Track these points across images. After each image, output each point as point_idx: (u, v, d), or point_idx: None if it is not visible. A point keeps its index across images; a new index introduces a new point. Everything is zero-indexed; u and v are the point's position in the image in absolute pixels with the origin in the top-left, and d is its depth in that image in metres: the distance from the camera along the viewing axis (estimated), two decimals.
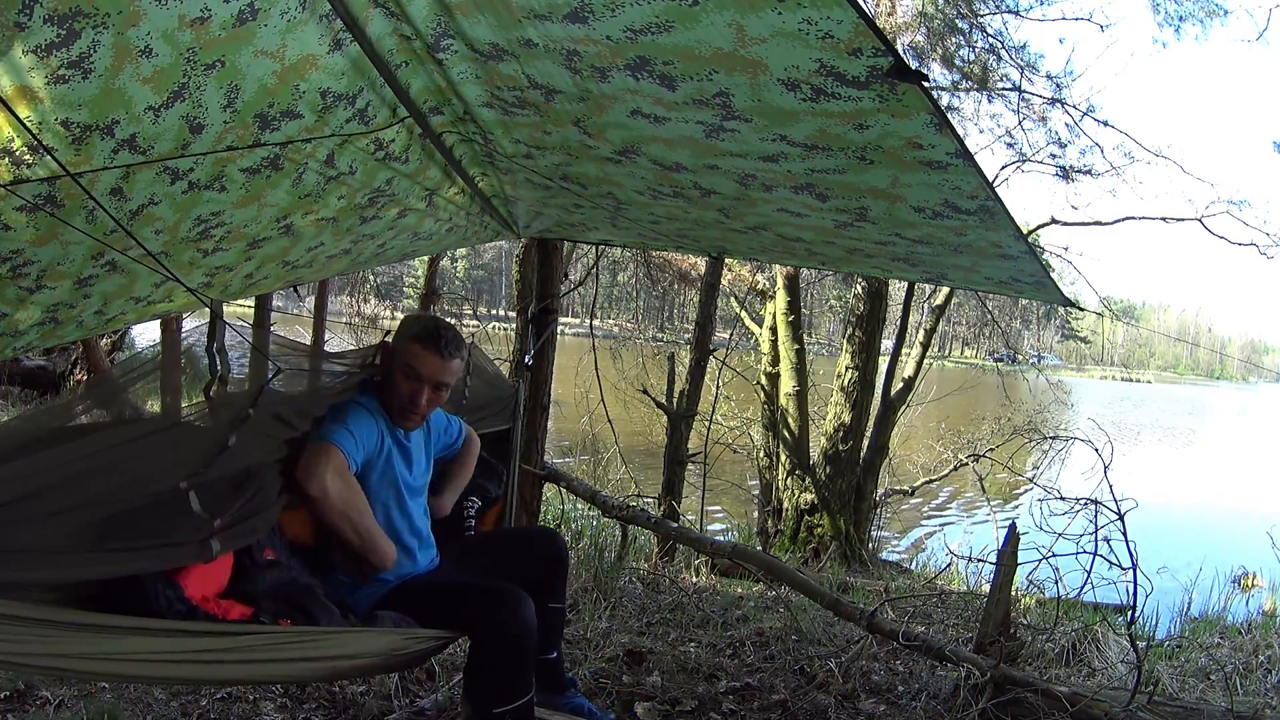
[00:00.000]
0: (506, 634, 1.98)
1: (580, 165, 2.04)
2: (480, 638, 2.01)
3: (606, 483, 8.02)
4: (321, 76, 1.36)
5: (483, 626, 2.00)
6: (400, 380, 2.10)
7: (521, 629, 1.98)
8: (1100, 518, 3.01)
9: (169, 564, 1.61)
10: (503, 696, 1.98)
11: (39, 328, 1.75)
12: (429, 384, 2.12)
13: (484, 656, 2.01)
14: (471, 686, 2.06)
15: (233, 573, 1.88)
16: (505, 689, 1.99)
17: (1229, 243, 8.27)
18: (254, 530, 1.78)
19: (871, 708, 2.94)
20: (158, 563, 1.58)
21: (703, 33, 1.18)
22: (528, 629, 2.00)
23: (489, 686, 2.00)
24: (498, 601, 2.01)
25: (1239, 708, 2.83)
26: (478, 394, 2.93)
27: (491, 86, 1.59)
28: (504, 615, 1.98)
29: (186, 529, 1.60)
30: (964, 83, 7.84)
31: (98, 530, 1.45)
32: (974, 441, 9.51)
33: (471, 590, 2.10)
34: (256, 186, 1.59)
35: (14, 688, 2.49)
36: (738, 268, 8.61)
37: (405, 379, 2.10)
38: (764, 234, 2.46)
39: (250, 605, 1.84)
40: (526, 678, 2.02)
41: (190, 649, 1.52)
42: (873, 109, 1.31)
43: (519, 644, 1.99)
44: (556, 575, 2.46)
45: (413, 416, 2.14)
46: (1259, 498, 12.45)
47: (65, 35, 1.01)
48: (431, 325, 2.17)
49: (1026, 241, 2.08)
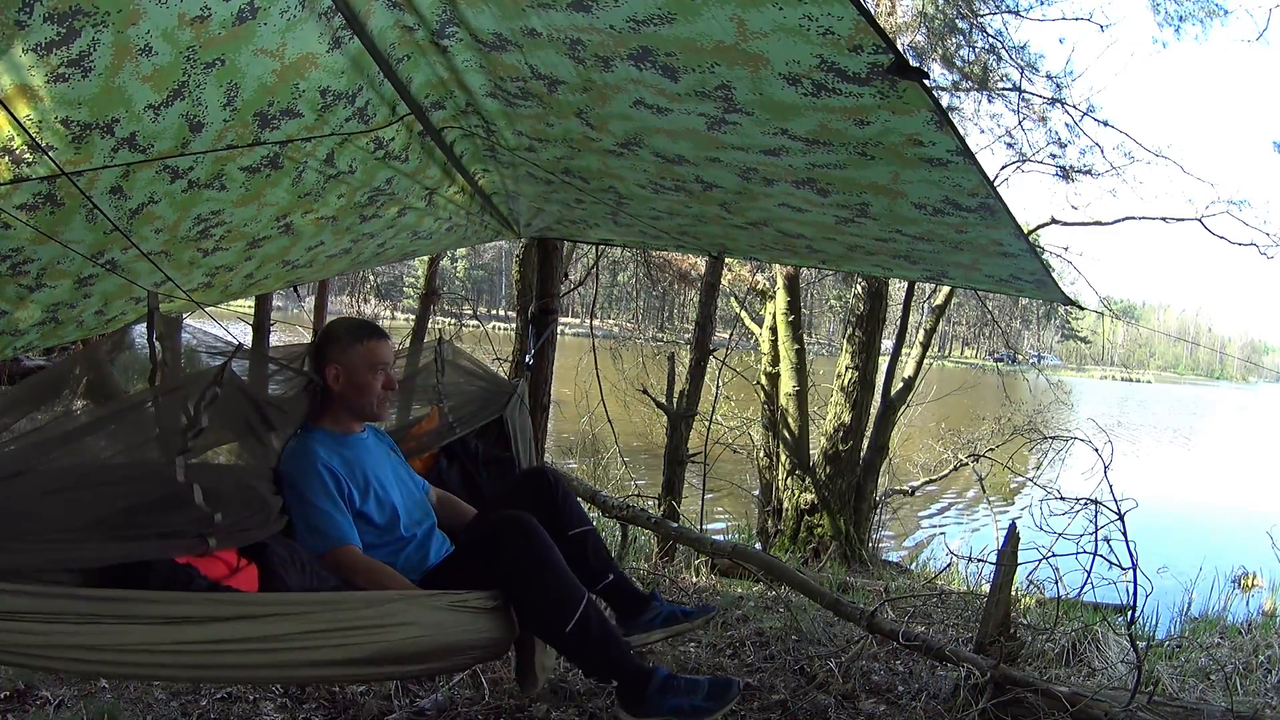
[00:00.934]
0: (523, 555, 1.94)
1: (582, 158, 2.04)
2: (504, 575, 1.96)
3: (606, 483, 8.02)
4: (321, 75, 1.36)
5: (501, 562, 1.96)
6: (369, 379, 2.15)
7: (534, 543, 1.95)
8: (1100, 518, 3.01)
9: (164, 554, 1.60)
10: (560, 616, 1.94)
11: (39, 327, 1.75)
12: (388, 367, 2.20)
13: (520, 590, 1.96)
14: (532, 627, 2.02)
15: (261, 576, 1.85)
16: (558, 606, 1.95)
17: (1229, 243, 8.25)
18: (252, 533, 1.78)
19: (871, 708, 2.94)
20: (153, 551, 1.57)
21: (704, 25, 1.18)
22: (538, 541, 1.96)
23: (543, 613, 1.96)
24: (496, 533, 1.99)
25: (1239, 708, 2.83)
26: (460, 389, 2.92)
27: (494, 77, 1.59)
28: (510, 540, 1.96)
29: (185, 521, 1.60)
30: (964, 83, 7.83)
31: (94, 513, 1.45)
32: (974, 441, 9.51)
33: (473, 542, 2.09)
34: (256, 185, 1.59)
35: (14, 688, 2.49)
36: (738, 267, 8.60)
37: (373, 374, 2.16)
38: (765, 230, 2.46)
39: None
40: (570, 584, 1.97)
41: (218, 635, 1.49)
42: (873, 105, 1.31)
43: (540, 558, 1.95)
44: (558, 503, 2.39)
45: (388, 401, 2.23)
46: (1259, 498, 12.45)
47: (65, 34, 1.01)
48: (358, 321, 2.31)
49: (1027, 240, 2.08)
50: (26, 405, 1.54)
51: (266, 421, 2.00)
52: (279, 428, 2.08)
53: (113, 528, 1.48)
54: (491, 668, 2.94)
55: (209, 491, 1.64)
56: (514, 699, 2.73)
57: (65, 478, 1.44)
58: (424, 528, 2.24)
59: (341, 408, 2.17)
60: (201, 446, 1.72)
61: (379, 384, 2.16)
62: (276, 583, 1.86)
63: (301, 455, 2.07)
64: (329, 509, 2.03)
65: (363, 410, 2.18)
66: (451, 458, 2.82)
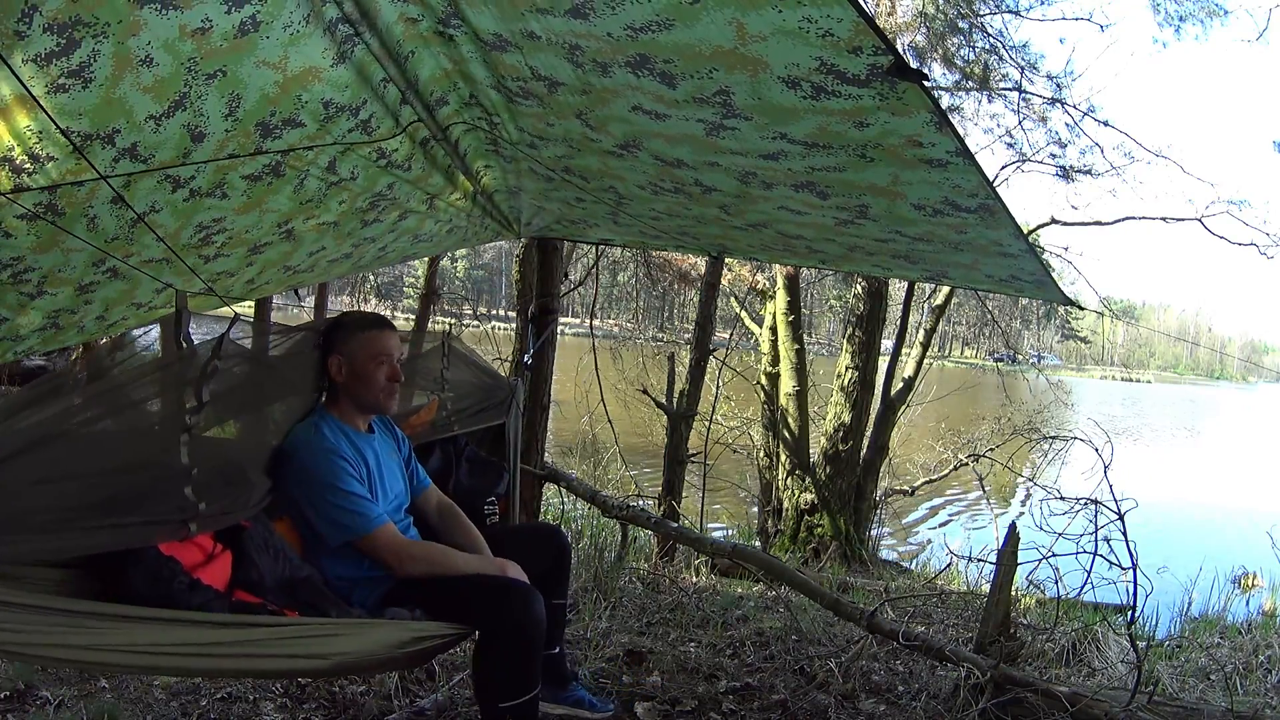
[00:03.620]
0: (516, 629, 1.98)
1: (582, 158, 2.04)
2: (489, 633, 2.01)
3: (606, 483, 8.02)
4: (324, 88, 1.36)
5: (492, 621, 2.00)
6: (373, 369, 2.15)
7: (531, 625, 1.98)
8: (1100, 518, 3.01)
9: (146, 541, 1.60)
10: (510, 691, 1.99)
11: (40, 333, 1.75)
12: (393, 359, 2.20)
13: (492, 651, 2.01)
14: (480, 681, 2.07)
15: (235, 561, 1.87)
16: (512, 684, 1.99)
17: (1229, 243, 8.25)
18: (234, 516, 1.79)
19: (871, 708, 2.95)
20: (138, 539, 1.57)
21: (703, 30, 1.18)
22: (537, 625, 2.00)
23: (496, 681, 2.01)
24: (506, 596, 2.01)
25: (1239, 708, 2.83)
26: (462, 383, 2.92)
27: (497, 74, 1.59)
28: (513, 611, 1.98)
29: (171, 508, 1.60)
30: (965, 83, 7.83)
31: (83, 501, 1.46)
32: (974, 441, 9.51)
33: (479, 584, 2.10)
34: (258, 193, 1.60)
35: (14, 687, 2.49)
36: (738, 267, 8.60)
37: (376, 365, 2.16)
38: (765, 231, 2.47)
39: (257, 597, 1.83)
40: (534, 673, 2.02)
41: (196, 640, 1.52)
42: (873, 107, 1.31)
43: (528, 639, 1.99)
44: (560, 571, 2.49)
45: (394, 394, 2.23)
46: (1259, 497, 12.45)
47: (65, 44, 1.01)
48: (367, 313, 2.31)
49: (1026, 240, 2.09)
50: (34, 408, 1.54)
51: (273, 389, 2.00)
52: (286, 395, 2.08)
53: (98, 515, 1.48)
54: None
55: (199, 477, 1.65)
56: None
57: (56, 467, 1.44)
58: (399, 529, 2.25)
59: (347, 400, 2.16)
60: (205, 424, 1.71)
61: (382, 375, 2.15)
62: (250, 568, 1.87)
63: (314, 440, 2.05)
64: (357, 490, 2.03)
65: (366, 402, 2.17)
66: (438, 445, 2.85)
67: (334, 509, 2.01)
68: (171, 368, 1.72)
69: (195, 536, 1.67)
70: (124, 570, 1.58)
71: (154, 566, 1.62)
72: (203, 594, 1.68)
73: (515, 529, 2.89)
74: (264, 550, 1.93)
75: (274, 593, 1.87)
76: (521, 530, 2.88)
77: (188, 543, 1.73)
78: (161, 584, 1.61)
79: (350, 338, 2.15)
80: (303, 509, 2.05)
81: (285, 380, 2.09)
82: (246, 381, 1.92)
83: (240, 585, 1.84)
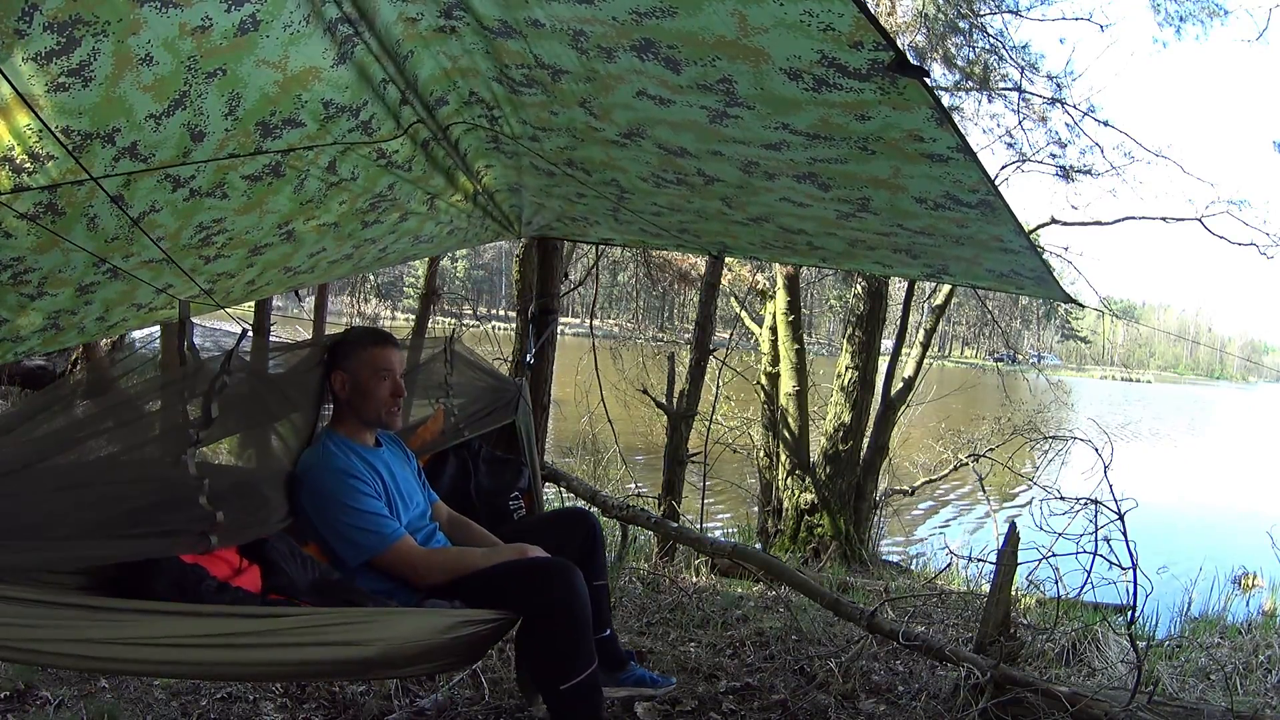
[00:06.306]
0: (561, 608, 1.96)
1: (585, 149, 2.04)
2: (533, 615, 1.99)
3: (606, 483, 8.02)
4: (324, 89, 1.36)
5: (536, 604, 1.98)
6: (375, 385, 2.15)
7: (575, 601, 1.96)
8: (1100, 518, 3.01)
9: (168, 552, 1.60)
10: (567, 671, 1.96)
11: (40, 334, 1.75)
12: (395, 374, 2.20)
13: (542, 635, 1.99)
14: (535, 668, 2.06)
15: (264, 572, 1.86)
16: (568, 664, 1.97)
17: (1229, 243, 8.24)
18: (253, 531, 1.78)
19: (871, 708, 2.95)
20: (157, 550, 1.57)
21: (705, 19, 1.19)
22: (581, 600, 1.97)
23: (552, 664, 1.98)
24: (546, 576, 2.00)
25: (1239, 708, 2.83)
26: (468, 387, 2.92)
27: (500, 64, 1.59)
28: (554, 588, 1.97)
29: (189, 519, 1.60)
30: (965, 83, 7.83)
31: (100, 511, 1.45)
32: (974, 441, 9.50)
33: (513, 570, 2.08)
34: (258, 193, 1.60)
35: (14, 687, 2.49)
36: (738, 267, 8.60)
37: (379, 381, 2.16)
38: (766, 226, 2.47)
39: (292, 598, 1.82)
40: (588, 649, 2.00)
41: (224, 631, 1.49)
42: (874, 101, 1.32)
43: (575, 617, 1.96)
44: (594, 552, 2.46)
45: (397, 409, 2.23)
46: (1259, 498, 12.44)
47: (65, 43, 1.01)
48: (370, 328, 2.32)
49: (1027, 237, 2.09)
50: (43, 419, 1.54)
51: (277, 406, 2.00)
52: (289, 413, 2.07)
53: (117, 525, 1.48)
54: (491, 668, 2.95)
55: (213, 488, 1.64)
56: (514, 699, 2.73)
57: (72, 475, 1.44)
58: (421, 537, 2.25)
59: (352, 416, 2.17)
60: (211, 438, 1.71)
61: (385, 390, 2.15)
62: (279, 575, 1.86)
63: (324, 460, 2.06)
64: (373, 508, 2.03)
65: (370, 417, 2.17)
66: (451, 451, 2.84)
67: (349, 529, 2.01)
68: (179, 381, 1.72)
69: (216, 549, 1.66)
70: (148, 579, 1.57)
71: (178, 574, 1.61)
72: (233, 593, 1.68)
73: (541, 519, 2.89)
74: (291, 559, 1.93)
75: (308, 594, 1.86)
76: (547, 519, 2.86)
77: (213, 557, 1.73)
78: (188, 588, 1.61)
79: (353, 354, 2.15)
80: (320, 531, 2.05)
81: (288, 397, 2.09)
82: (251, 396, 1.91)
83: (273, 590, 1.83)
